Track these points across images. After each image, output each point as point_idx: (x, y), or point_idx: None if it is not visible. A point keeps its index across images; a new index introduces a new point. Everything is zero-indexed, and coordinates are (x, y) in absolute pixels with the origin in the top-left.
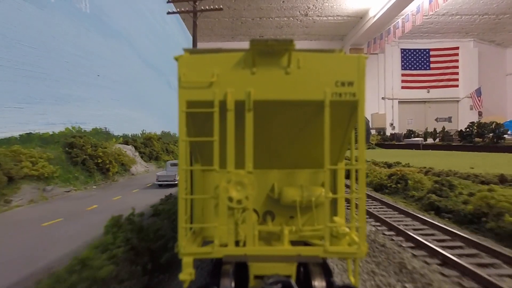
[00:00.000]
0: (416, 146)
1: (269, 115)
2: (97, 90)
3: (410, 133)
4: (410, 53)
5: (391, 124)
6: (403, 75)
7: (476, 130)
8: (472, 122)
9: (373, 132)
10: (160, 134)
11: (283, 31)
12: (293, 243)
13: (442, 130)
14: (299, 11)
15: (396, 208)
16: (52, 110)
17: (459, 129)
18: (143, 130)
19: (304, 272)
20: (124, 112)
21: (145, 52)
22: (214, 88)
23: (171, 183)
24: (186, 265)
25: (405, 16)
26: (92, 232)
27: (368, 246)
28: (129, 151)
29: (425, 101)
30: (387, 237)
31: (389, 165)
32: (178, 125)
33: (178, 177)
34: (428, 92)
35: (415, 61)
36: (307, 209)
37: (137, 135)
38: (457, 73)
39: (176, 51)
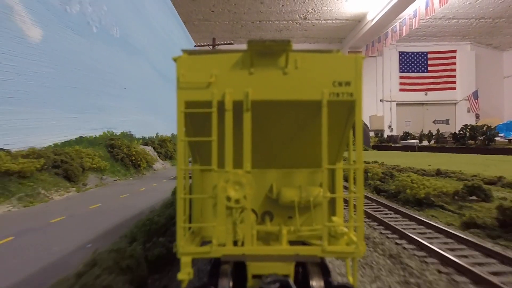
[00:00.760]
0: (411, 148)
1: (267, 115)
2: (123, 100)
3: (407, 135)
4: (408, 56)
5: (389, 126)
6: (401, 77)
7: (469, 133)
8: (466, 125)
9: (371, 134)
10: (171, 136)
11: (282, 34)
12: (292, 243)
13: (437, 133)
14: (298, 15)
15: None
16: (94, 118)
17: (454, 132)
18: (157, 133)
19: (303, 272)
20: (142, 118)
21: (158, 63)
22: (212, 89)
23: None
24: (184, 264)
25: (402, 20)
26: (151, 202)
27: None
28: (150, 151)
29: (423, 104)
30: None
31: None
32: (177, 125)
33: (177, 176)
34: (426, 94)
35: (413, 64)
36: (305, 209)
37: (152, 137)
38: (454, 76)
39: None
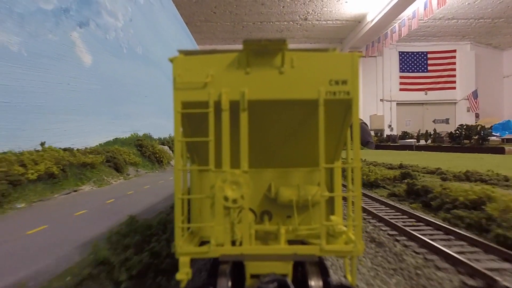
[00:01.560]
0: (409, 147)
1: (264, 114)
2: (144, 107)
3: (405, 135)
4: (408, 56)
5: (389, 126)
6: (401, 77)
7: (464, 132)
8: (461, 125)
9: (371, 133)
10: None
11: (283, 35)
12: (291, 242)
13: (434, 132)
14: (298, 16)
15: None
16: (124, 123)
17: (449, 131)
18: (170, 134)
19: (301, 271)
20: (157, 121)
21: (169, 72)
22: (209, 89)
23: None
24: (183, 264)
25: (402, 20)
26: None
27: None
28: (167, 150)
29: (422, 103)
30: None
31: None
32: (174, 125)
33: (174, 177)
34: (426, 94)
35: (413, 64)
36: (304, 209)
37: (167, 138)
38: (454, 76)
39: None
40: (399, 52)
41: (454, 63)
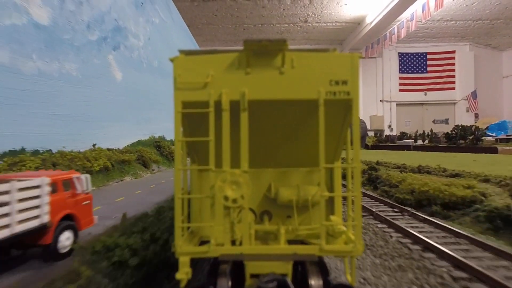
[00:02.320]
0: (407, 147)
1: (264, 114)
2: (159, 112)
3: (403, 135)
4: (407, 56)
5: (389, 126)
6: (400, 78)
7: (459, 133)
8: (457, 125)
9: (371, 134)
10: None
11: (284, 37)
12: (290, 242)
13: (430, 132)
14: (299, 18)
15: None
16: (144, 127)
17: (446, 132)
18: None
19: (301, 271)
20: (169, 125)
21: None
22: (209, 89)
23: None
24: (182, 264)
25: (400, 22)
26: None
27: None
28: None
29: (422, 104)
30: None
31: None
32: (174, 125)
33: (174, 176)
34: (425, 94)
35: (412, 65)
36: (304, 209)
37: None
38: (453, 76)
39: None
40: (399, 53)
41: (454, 64)
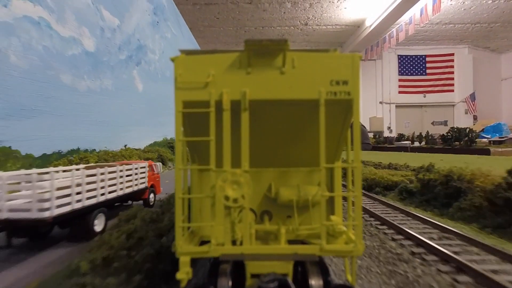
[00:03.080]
0: (404, 148)
1: (264, 114)
2: (170, 116)
3: (401, 137)
4: (406, 59)
5: (389, 128)
6: (400, 80)
7: (454, 135)
8: (452, 127)
9: (370, 135)
10: None
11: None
12: (291, 242)
13: (427, 134)
14: (299, 21)
15: None
16: (159, 130)
17: (442, 133)
18: None
19: (302, 271)
20: None
21: None
22: (210, 88)
23: None
24: (183, 264)
25: (399, 26)
26: None
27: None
28: None
29: (421, 106)
30: None
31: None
32: (175, 125)
33: (175, 176)
34: (425, 96)
35: (411, 67)
36: (304, 209)
37: None
38: (452, 79)
39: None
40: (398, 55)
41: (452, 66)
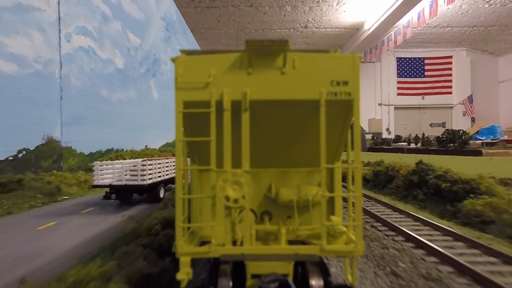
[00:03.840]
0: (401, 150)
1: (265, 114)
2: None
3: (398, 138)
4: (405, 61)
5: (387, 129)
6: (398, 82)
7: (449, 137)
8: (447, 129)
9: (369, 136)
10: None
11: None
12: (291, 242)
13: (422, 136)
14: (299, 24)
15: None
16: (169, 133)
17: (437, 135)
18: None
19: (302, 271)
20: None
21: None
22: (210, 89)
23: None
24: (183, 264)
25: (397, 29)
26: None
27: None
28: None
29: (420, 107)
30: None
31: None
32: (175, 125)
33: (176, 176)
34: (423, 98)
35: (410, 69)
36: (304, 209)
37: None
38: (450, 81)
39: None
40: (397, 57)
41: (451, 69)
